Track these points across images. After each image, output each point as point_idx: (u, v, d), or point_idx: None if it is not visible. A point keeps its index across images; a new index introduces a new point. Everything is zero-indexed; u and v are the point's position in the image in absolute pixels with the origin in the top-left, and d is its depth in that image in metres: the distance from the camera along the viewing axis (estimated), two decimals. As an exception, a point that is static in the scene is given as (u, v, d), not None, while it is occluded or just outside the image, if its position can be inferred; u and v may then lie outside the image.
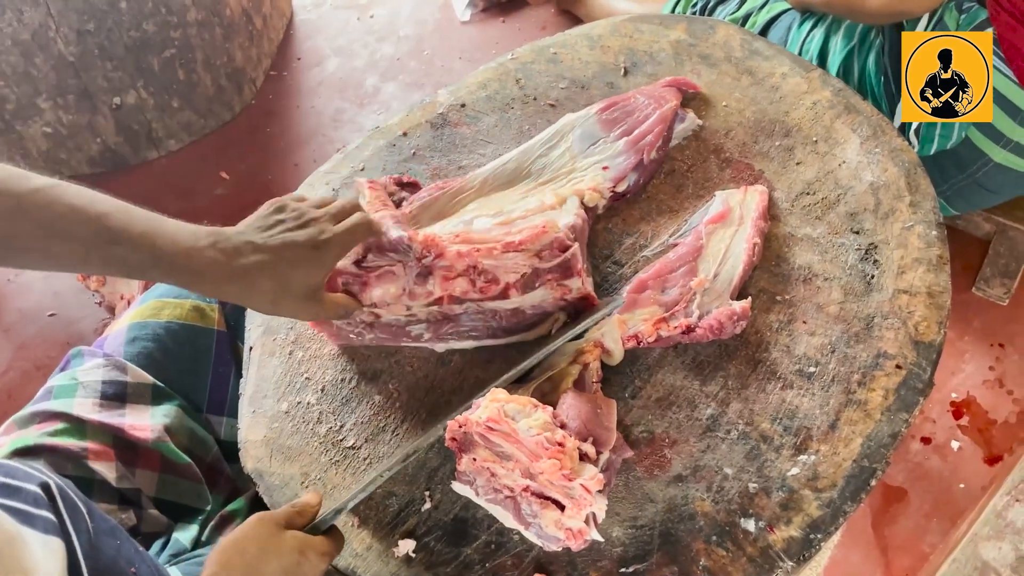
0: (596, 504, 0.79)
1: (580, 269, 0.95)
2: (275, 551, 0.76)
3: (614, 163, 1.07)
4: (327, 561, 0.80)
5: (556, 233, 0.94)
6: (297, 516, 0.81)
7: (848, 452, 0.86)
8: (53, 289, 2.05)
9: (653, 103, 1.11)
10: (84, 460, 0.95)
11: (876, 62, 1.44)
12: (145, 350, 1.06)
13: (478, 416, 0.84)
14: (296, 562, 0.77)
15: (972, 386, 1.68)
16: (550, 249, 0.94)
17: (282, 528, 0.79)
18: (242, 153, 2.26)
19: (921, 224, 1.00)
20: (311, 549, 0.78)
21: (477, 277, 0.93)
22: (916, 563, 1.52)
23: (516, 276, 0.93)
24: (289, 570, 0.76)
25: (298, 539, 0.78)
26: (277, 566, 0.76)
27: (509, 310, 0.96)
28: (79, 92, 2.05)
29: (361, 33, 2.53)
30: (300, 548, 0.78)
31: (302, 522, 0.81)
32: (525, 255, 0.93)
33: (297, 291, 0.84)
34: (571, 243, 0.95)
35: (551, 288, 0.95)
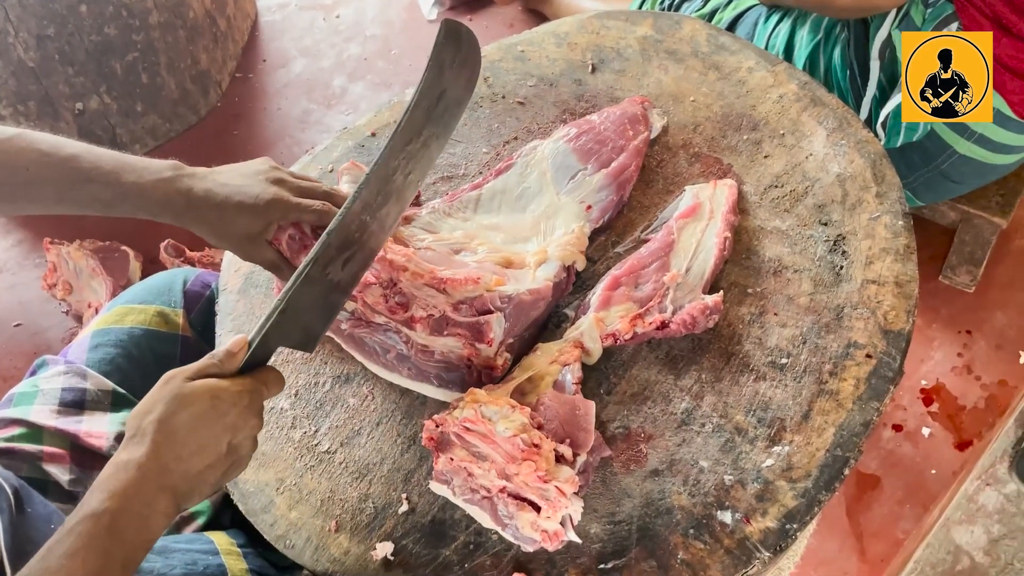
0: (572, 506, 0.79)
1: (492, 339, 0.91)
2: (183, 402, 0.73)
3: (595, 199, 1.05)
4: (248, 400, 0.76)
5: (478, 292, 0.90)
6: (215, 368, 0.77)
7: (821, 442, 0.87)
8: (18, 299, 2.01)
9: (621, 130, 1.10)
10: (39, 462, 0.95)
11: (842, 56, 1.45)
12: (108, 356, 1.05)
13: (455, 416, 0.83)
14: (208, 407, 0.73)
15: (941, 373, 1.71)
16: (468, 304, 0.91)
17: (189, 380, 0.75)
18: (209, 157, 2.20)
19: (888, 214, 1.01)
20: (224, 391, 0.75)
21: (391, 294, 0.91)
22: (890, 549, 1.54)
23: (424, 314, 0.90)
24: (203, 416, 0.73)
25: (207, 385, 0.75)
26: (188, 415, 0.73)
27: (419, 344, 0.93)
28: (40, 98, 2.02)
29: (327, 33, 2.51)
30: (211, 394, 0.74)
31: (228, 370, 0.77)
32: (443, 298, 0.91)
33: (236, 234, 0.92)
34: (493, 309, 0.91)
35: (461, 342, 0.92)
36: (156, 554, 0.88)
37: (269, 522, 0.91)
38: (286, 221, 0.93)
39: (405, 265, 0.91)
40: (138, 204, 0.89)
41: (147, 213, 0.91)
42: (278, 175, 0.95)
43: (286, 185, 0.94)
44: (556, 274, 0.97)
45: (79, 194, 0.89)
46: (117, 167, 0.89)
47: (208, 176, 0.92)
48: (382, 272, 0.91)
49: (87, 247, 1.93)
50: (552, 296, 0.97)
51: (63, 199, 0.89)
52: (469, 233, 1.03)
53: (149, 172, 0.90)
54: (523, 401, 0.88)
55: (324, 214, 0.94)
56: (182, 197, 0.90)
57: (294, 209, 0.92)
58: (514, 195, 1.08)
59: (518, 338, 0.95)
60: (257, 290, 1.09)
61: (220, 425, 0.74)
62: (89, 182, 0.88)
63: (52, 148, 0.88)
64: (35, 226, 2.13)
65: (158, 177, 0.89)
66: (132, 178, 0.89)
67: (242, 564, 0.95)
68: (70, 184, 0.88)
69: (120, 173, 0.89)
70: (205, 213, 0.90)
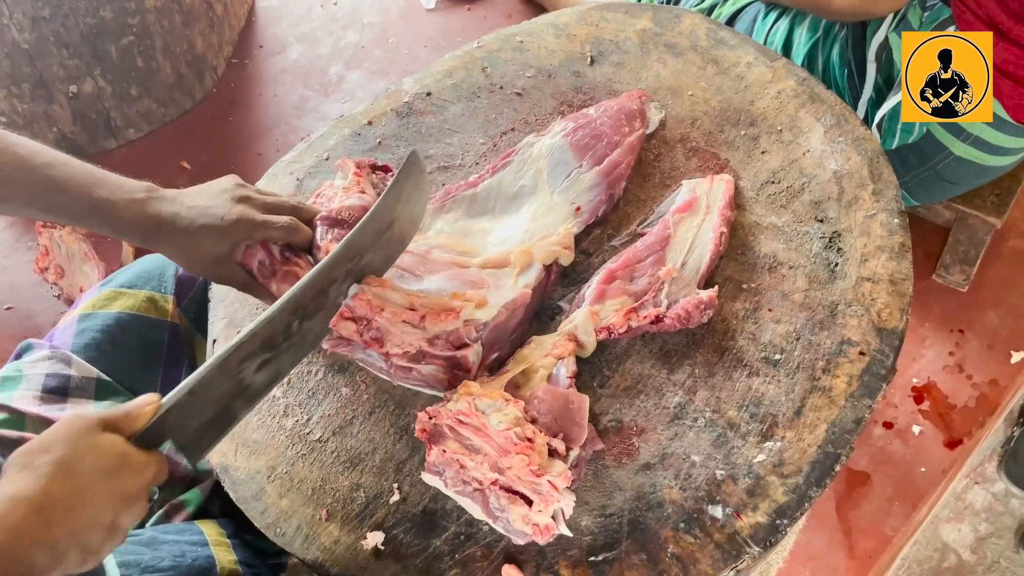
0: (564, 500, 0.79)
1: (471, 368, 0.89)
2: (90, 450, 0.66)
3: (585, 200, 1.05)
4: (150, 477, 0.70)
5: (455, 324, 0.89)
6: (121, 420, 0.70)
7: (813, 438, 0.87)
8: (10, 282, 2.00)
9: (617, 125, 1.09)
10: None
11: (840, 54, 1.45)
12: (94, 341, 1.04)
13: (449, 408, 0.83)
14: (115, 466, 0.67)
15: (933, 371, 1.71)
16: (443, 339, 0.89)
17: (99, 430, 0.68)
18: (204, 142, 2.22)
19: (884, 212, 1.01)
20: (132, 457, 0.69)
21: (365, 330, 0.88)
22: (879, 546, 1.54)
23: (400, 351, 0.88)
24: (107, 472, 0.66)
25: (117, 443, 0.68)
26: (92, 465, 0.66)
27: (398, 364, 0.91)
28: (34, 80, 2.00)
29: (324, 20, 2.49)
30: (119, 452, 0.68)
31: (127, 431, 0.71)
32: (419, 333, 0.89)
33: (204, 257, 0.91)
34: (469, 342, 0.89)
35: (440, 369, 0.90)
36: (144, 546, 0.88)
37: (260, 510, 0.91)
38: (253, 240, 0.92)
39: (382, 306, 0.89)
40: (106, 221, 0.89)
41: (113, 231, 0.90)
42: (243, 193, 0.94)
43: (252, 203, 0.93)
44: (537, 278, 0.97)
45: (49, 202, 0.88)
46: (90, 181, 0.88)
47: (176, 199, 0.91)
48: (356, 309, 0.88)
49: (80, 231, 1.92)
50: (532, 299, 0.97)
51: (32, 204, 0.89)
52: (452, 238, 1.03)
53: (122, 191, 0.89)
54: (517, 394, 0.88)
55: (291, 230, 0.93)
56: (151, 221, 0.89)
57: (260, 227, 0.92)
58: (510, 194, 1.07)
59: (499, 351, 0.94)
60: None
61: (118, 490, 0.67)
62: (60, 192, 0.87)
63: (28, 153, 0.88)
64: (27, 209, 2.12)
65: (130, 198, 0.89)
66: (104, 194, 0.88)
67: (231, 556, 0.94)
68: (41, 191, 0.88)
69: (92, 188, 0.88)
70: (173, 237, 0.90)
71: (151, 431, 0.72)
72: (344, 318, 0.88)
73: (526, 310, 0.97)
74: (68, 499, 0.64)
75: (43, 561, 0.63)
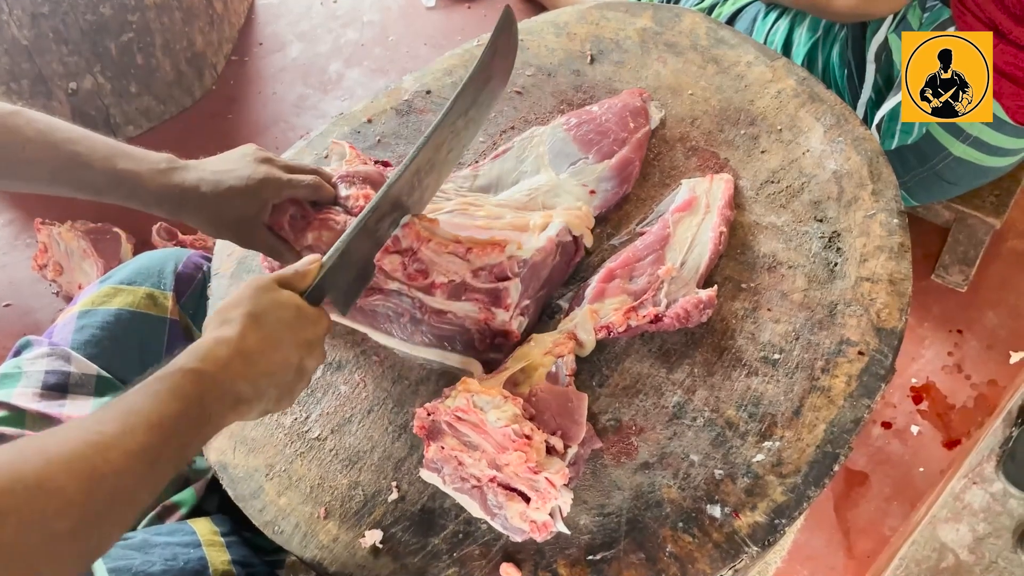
0: (561, 498, 0.79)
1: (509, 304, 0.92)
2: (273, 303, 0.75)
3: (600, 188, 1.06)
4: (324, 328, 0.79)
5: (500, 258, 0.92)
6: (294, 278, 0.79)
7: (812, 438, 0.87)
8: (8, 279, 2.00)
9: (623, 122, 1.09)
10: None
11: (840, 54, 1.45)
12: (93, 338, 1.04)
13: (447, 405, 0.83)
14: (294, 316, 0.75)
15: (931, 371, 1.71)
16: (488, 271, 0.92)
17: (277, 286, 0.77)
18: (203, 140, 2.22)
19: (883, 212, 1.01)
20: (307, 310, 0.77)
21: (410, 262, 0.92)
22: (877, 545, 1.55)
23: (445, 280, 0.91)
24: (289, 322, 0.75)
25: (294, 297, 0.77)
26: (276, 316, 0.74)
27: (433, 308, 0.93)
28: (33, 77, 2.00)
29: (324, 18, 2.49)
30: (297, 305, 0.76)
31: (299, 287, 0.79)
32: (464, 264, 0.92)
33: (232, 220, 0.92)
34: (511, 276, 0.92)
35: (478, 307, 0.93)
36: (135, 550, 0.87)
37: (258, 508, 0.91)
38: (279, 199, 0.93)
39: (429, 236, 0.92)
40: (131, 192, 0.89)
41: (139, 203, 0.91)
42: (265, 155, 0.95)
43: (274, 164, 0.95)
44: (560, 233, 0.98)
45: (73, 176, 0.89)
46: (113, 153, 0.89)
47: (198, 166, 0.92)
48: (403, 240, 0.92)
49: (78, 228, 1.92)
50: (560, 257, 0.98)
51: (56, 180, 0.89)
52: (470, 200, 1.04)
53: (146, 162, 0.90)
54: (516, 392, 0.88)
55: (316, 188, 0.95)
56: (176, 190, 0.90)
57: (286, 185, 0.93)
58: (510, 179, 1.08)
59: (532, 300, 0.95)
60: (250, 275, 1.08)
61: (300, 338, 0.76)
62: (85, 167, 0.88)
63: (49, 128, 0.88)
64: (26, 206, 2.11)
65: (154, 168, 0.90)
66: (128, 166, 0.89)
67: (224, 556, 0.94)
68: (65, 166, 0.88)
69: (116, 159, 0.89)
70: (199, 203, 0.90)
71: (316, 288, 0.80)
72: (389, 252, 0.91)
73: (556, 269, 0.98)
74: (261, 344, 0.73)
75: (247, 393, 0.72)
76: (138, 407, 0.65)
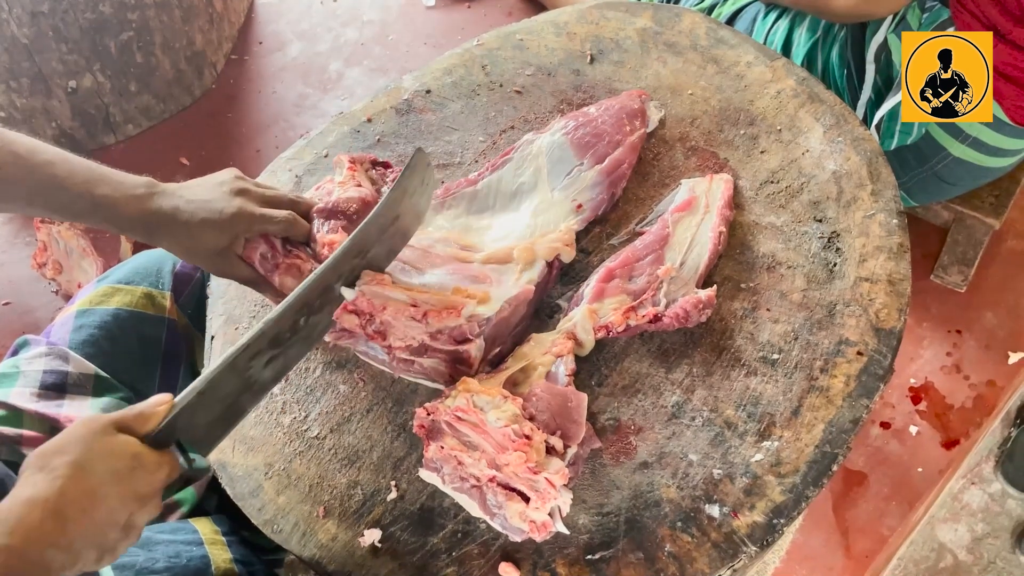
0: (561, 498, 0.79)
1: (474, 361, 0.90)
2: (104, 452, 0.67)
3: (587, 198, 1.05)
4: (163, 477, 0.71)
5: (458, 321, 0.89)
6: (134, 421, 0.72)
7: (810, 438, 0.87)
8: (8, 277, 2.00)
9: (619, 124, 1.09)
10: (17, 446, 0.94)
11: (839, 55, 1.45)
12: (91, 338, 1.04)
13: (447, 405, 0.83)
14: (129, 467, 0.68)
15: (930, 372, 1.71)
16: (447, 334, 0.89)
17: (113, 431, 0.69)
18: (202, 139, 2.22)
19: (882, 212, 1.01)
20: (146, 457, 0.70)
21: (368, 323, 0.89)
22: (875, 545, 1.55)
23: (403, 344, 0.89)
24: (120, 474, 0.67)
25: (130, 444, 0.69)
26: (106, 467, 0.67)
27: (400, 358, 0.91)
28: (33, 75, 2.00)
29: (324, 17, 2.49)
30: (133, 454, 0.69)
31: (140, 431, 0.72)
32: (421, 327, 0.89)
33: (205, 250, 0.92)
34: (472, 338, 0.89)
35: (442, 363, 0.91)
36: (139, 547, 0.87)
37: (257, 507, 0.91)
38: (251, 234, 0.93)
39: (383, 303, 0.89)
40: (107, 218, 0.90)
41: (116, 228, 0.91)
42: (242, 186, 0.94)
43: (250, 196, 0.94)
44: (539, 274, 0.97)
45: (50, 200, 0.89)
46: (91, 178, 0.89)
47: (176, 193, 0.92)
48: (360, 304, 0.89)
49: (78, 227, 1.92)
50: (535, 295, 0.97)
51: (33, 203, 0.90)
52: (454, 234, 1.03)
53: (123, 187, 0.90)
54: (515, 391, 0.88)
55: (289, 224, 0.94)
56: (152, 216, 0.90)
57: (259, 220, 0.92)
58: (509, 191, 1.07)
59: (501, 346, 0.94)
60: None
61: (131, 491, 0.68)
62: (61, 189, 0.88)
63: (28, 152, 0.88)
64: (26, 204, 2.11)
65: (131, 194, 0.90)
66: (105, 191, 0.89)
67: (226, 554, 0.94)
68: (42, 189, 0.88)
69: (94, 185, 0.89)
70: (173, 231, 0.91)
71: (163, 431, 0.73)
72: (348, 311, 0.89)
73: (528, 306, 0.97)
74: (83, 501, 0.65)
75: (59, 561, 0.64)
76: None
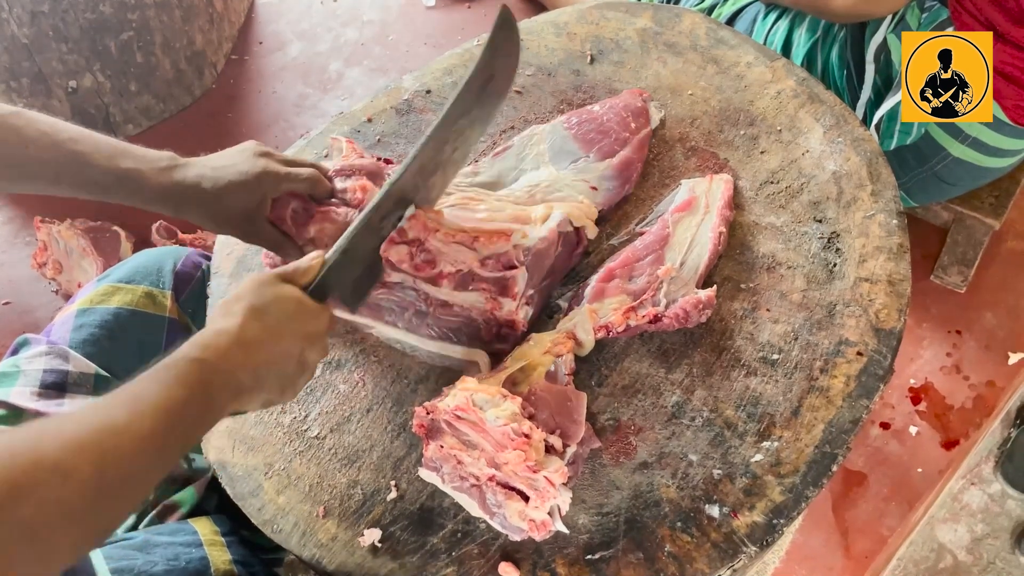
0: (560, 497, 0.79)
1: (516, 293, 0.92)
2: (275, 296, 0.76)
3: (602, 185, 1.06)
4: (325, 323, 0.80)
5: (507, 247, 0.92)
6: (296, 274, 0.80)
7: (810, 438, 0.87)
8: (8, 277, 2.00)
9: (624, 122, 1.10)
10: None
11: (839, 55, 1.45)
12: (92, 336, 1.04)
13: (446, 404, 0.83)
14: (295, 309, 0.77)
15: (930, 372, 1.71)
16: (495, 259, 0.92)
17: (280, 281, 0.78)
18: (202, 139, 2.21)
19: (882, 213, 1.01)
20: (309, 304, 0.78)
21: (417, 253, 0.92)
22: (875, 546, 1.55)
23: (452, 269, 0.92)
24: (290, 315, 0.76)
25: (295, 291, 0.78)
26: (277, 309, 0.75)
27: (439, 300, 0.94)
28: (33, 75, 2.00)
29: (324, 17, 2.49)
30: (298, 299, 0.78)
31: (301, 283, 0.80)
32: (471, 254, 0.92)
33: (234, 214, 0.93)
34: (518, 264, 0.92)
35: (484, 297, 0.93)
36: (137, 550, 0.88)
37: (257, 506, 0.91)
38: (278, 192, 0.94)
39: (436, 226, 0.92)
40: (134, 191, 0.90)
41: (142, 200, 0.91)
42: (264, 150, 0.96)
43: (273, 158, 0.95)
44: (562, 224, 0.98)
45: (77, 175, 0.89)
46: (116, 153, 0.90)
47: (198, 163, 0.93)
48: (409, 231, 0.92)
49: (78, 227, 1.92)
50: (563, 248, 0.98)
51: (60, 180, 0.90)
52: (471, 195, 1.04)
53: (147, 160, 0.90)
54: (515, 391, 0.88)
55: (315, 182, 0.96)
56: (178, 187, 0.90)
57: (284, 179, 0.93)
58: (510, 177, 1.08)
59: (536, 291, 0.96)
60: (250, 273, 1.08)
61: (301, 331, 0.77)
62: (88, 165, 0.88)
63: (52, 128, 0.89)
64: (26, 204, 2.11)
65: (156, 166, 0.90)
66: (131, 164, 0.89)
67: (225, 555, 0.94)
68: (68, 165, 0.88)
69: (118, 158, 0.89)
70: (200, 199, 0.91)
71: (319, 285, 0.81)
72: (395, 243, 0.91)
73: (559, 258, 0.98)
74: (261, 334, 0.74)
75: (248, 382, 0.73)
76: (146, 394, 0.66)
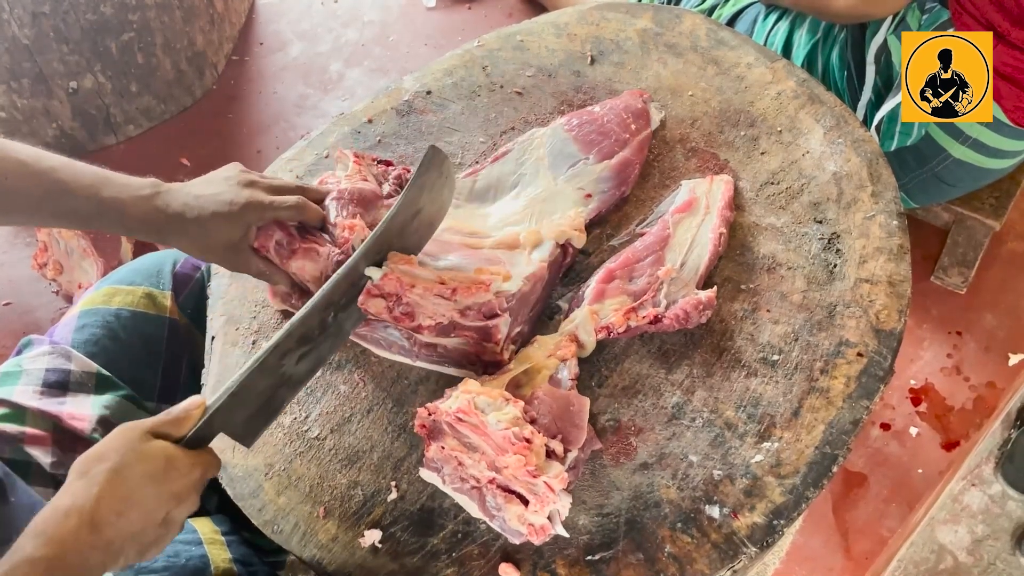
0: (560, 502, 0.79)
1: (499, 339, 0.91)
2: (139, 457, 0.71)
3: (597, 190, 1.05)
4: (199, 476, 0.75)
5: (487, 297, 0.90)
6: (169, 426, 0.75)
7: (810, 439, 0.87)
8: (8, 278, 2.00)
9: (624, 123, 1.09)
10: (20, 444, 0.94)
11: (839, 56, 1.45)
12: (94, 337, 1.04)
13: (448, 406, 0.83)
14: (162, 469, 0.72)
15: (930, 373, 1.71)
16: (476, 310, 0.90)
17: (149, 437, 0.73)
18: (203, 139, 2.22)
19: (883, 214, 1.01)
20: (180, 460, 0.73)
21: (395, 305, 0.89)
22: (875, 547, 1.55)
23: (432, 322, 0.90)
24: (156, 477, 0.71)
25: (165, 448, 0.73)
26: (141, 472, 0.71)
27: (423, 343, 0.93)
28: (34, 76, 2.00)
29: (325, 18, 2.49)
30: (167, 456, 0.73)
31: (176, 434, 0.76)
32: (450, 305, 0.90)
33: (218, 245, 0.92)
34: (500, 312, 0.90)
35: (467, 341, 0.92)
36: None
37: (257, 507, 0.91)
38: (263, 222, 0.93)
39: (412, 281, 0.90)
40: (116, 220, 0.89)
41: (125, 230, 0.91)
42: (249, 178, 0.94)
43: (258, 186, 0.94)
44: (551, 253, 0.97)
45: (57, 206, 0.88)
46: (96, 182, 0.89)
47: (182, 190, 0.92)
48: (385, 286, 0.89)
49: (78, 227, 1.92)
50: (549, 275, 0.97)
51: (40, 210, 0.89)
52: (459, 221, 1.03)
53: (129, 189, 0.90)
54: (518, 394, 0.88)
55: (300, 209, 0.94)
56: (161, 215, 0.90)
57: (269, 208, 0.92)
58: (509, 182, 1.07)
59: (522, 325, 0.95)
60: None
61: (167, 491, 0.72)
62: (68, 195, 0.88)
63: (31, 159, 0.88)
64: (26, 205, 2.11)
65: (137, 195, 0.89)
66: (111, 193, 0.89)
67: (225, 554, 0.94)
68: (48, 196, 0.88)
69: (99, 188, 0.89)
70: (184, 229, 0.90)
71: (198, 433, 0.77)
72: (372, 296, 0.89)
73: (544, 286, 0.97)
74: (118, 505, 0.69)
75: (98, 560, 0.69)
76: None
